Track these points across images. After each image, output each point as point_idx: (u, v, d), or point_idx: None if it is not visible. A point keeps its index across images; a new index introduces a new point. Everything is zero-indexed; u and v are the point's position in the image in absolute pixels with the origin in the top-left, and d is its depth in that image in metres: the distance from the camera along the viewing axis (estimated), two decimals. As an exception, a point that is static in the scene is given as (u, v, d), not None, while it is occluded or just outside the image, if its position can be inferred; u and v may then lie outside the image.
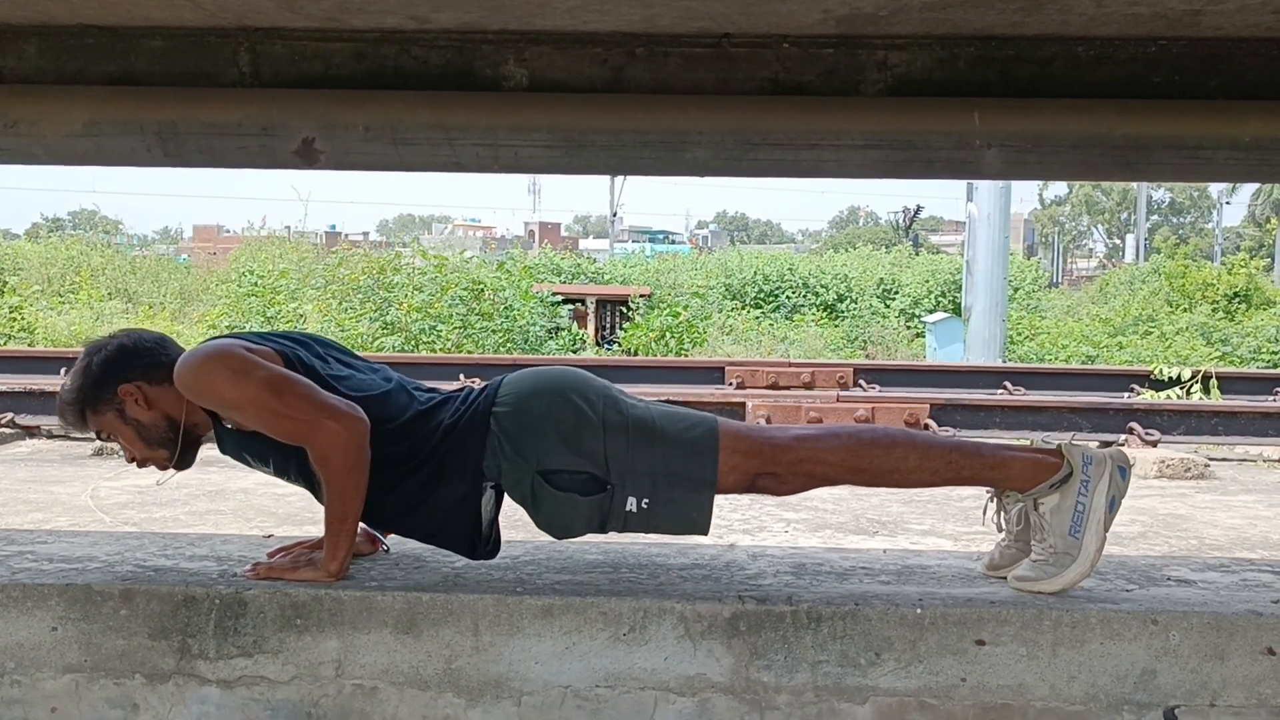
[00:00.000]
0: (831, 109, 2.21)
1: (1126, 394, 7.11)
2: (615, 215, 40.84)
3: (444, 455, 2.00)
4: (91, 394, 2.02)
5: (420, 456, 2.00)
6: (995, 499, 2.08)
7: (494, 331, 11.39)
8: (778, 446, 1.99)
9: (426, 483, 2.01)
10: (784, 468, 1.98)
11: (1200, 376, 7.32)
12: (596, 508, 1.96)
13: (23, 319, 12.23)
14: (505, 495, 2.08)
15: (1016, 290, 19.07)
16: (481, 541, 2.07)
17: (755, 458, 1.97)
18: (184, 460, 2.09)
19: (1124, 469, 1.98)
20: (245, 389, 1.92)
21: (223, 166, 2.26)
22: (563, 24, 2.18)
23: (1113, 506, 1.96)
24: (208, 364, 1.94)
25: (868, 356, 14.35)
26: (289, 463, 2.02)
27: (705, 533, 2.00)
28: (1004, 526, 2.08)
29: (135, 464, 2.09)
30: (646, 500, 1.95)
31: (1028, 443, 5.01)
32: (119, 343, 2.06)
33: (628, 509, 1.96)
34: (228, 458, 2.13)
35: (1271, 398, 6.95)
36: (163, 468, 2.09)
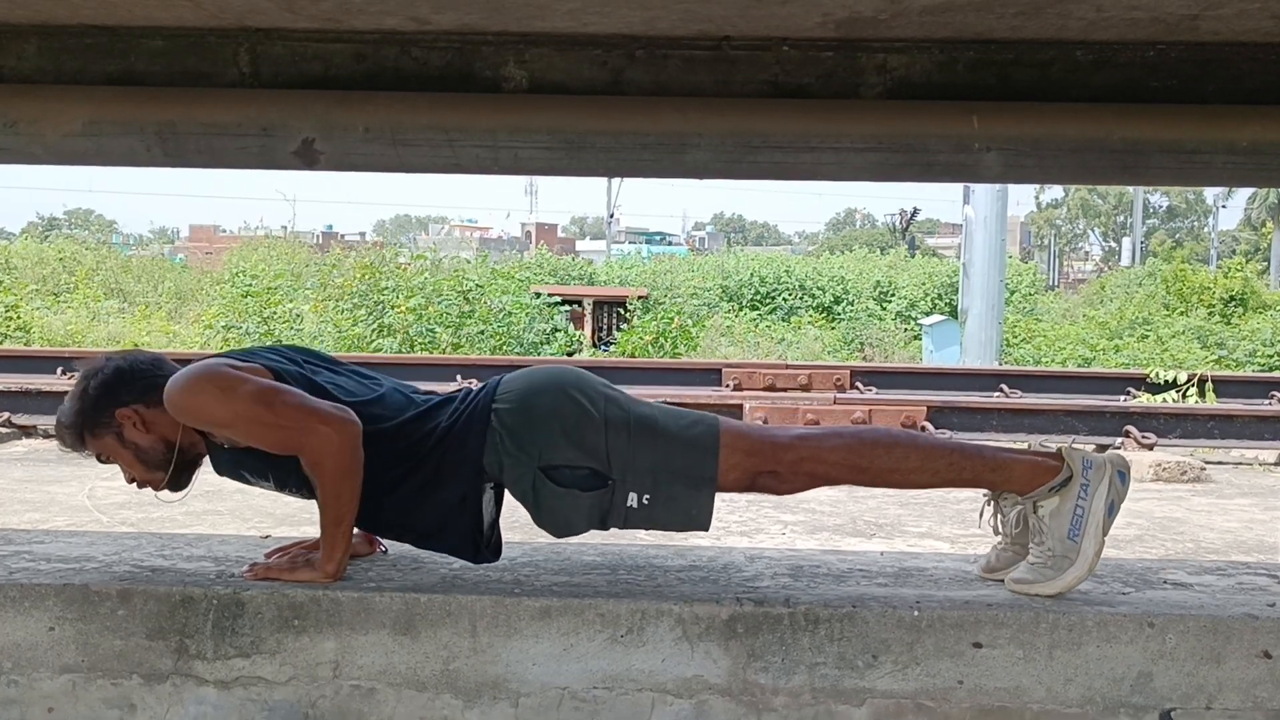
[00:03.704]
0: (831, 112, 2.21)
1: (1123, 397, 7.12)
2: (612, 217, 40.84)
3: (443, 455, 2.00)
4: (90, 418, 2.01)
5: (419, 457, 2.00)
6: (992, 502, 2.08)
7: (491, 335, 11.38)
8: (779, 445, 1.99)
9: (426, 484, 2.00)
10: (785, 466, 1.98)
11: (1196, 380, 7.34)
12: (597, 503, 1.96)
13: (18, 318, 12.21)
14: (504, 496, 2.08)
15: (1013, 293, 19.11)
16: (484, 543, 2.06)
17: (756, 456, 1.98)
18: (180, 482, 2.08)
19: (1123, 474, 1.98)
20: (234, 404, 1.92)
21: (222, 167, 2.25)
22: (563, 26, 2.19)
23: (1112, 511, 1.96)
24: (195, 385, 1.93)
25: (864, 359, 14.38)
26: (289, 475, 2.01)
27: (706, 529, 2.00)
28: (1001, 529, 2.09)
29: (135, 485, 2.09)
30: (647, 496, 1.95)
31: (1026, 446, 5.02)
32: (115, 366, 2.04)
33: (629, 504, 1.96)
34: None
35: (1267, 401, 6.96)
36: (156, 488, 2.08)
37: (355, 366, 2.20)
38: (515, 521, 3.73)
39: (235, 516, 3.81)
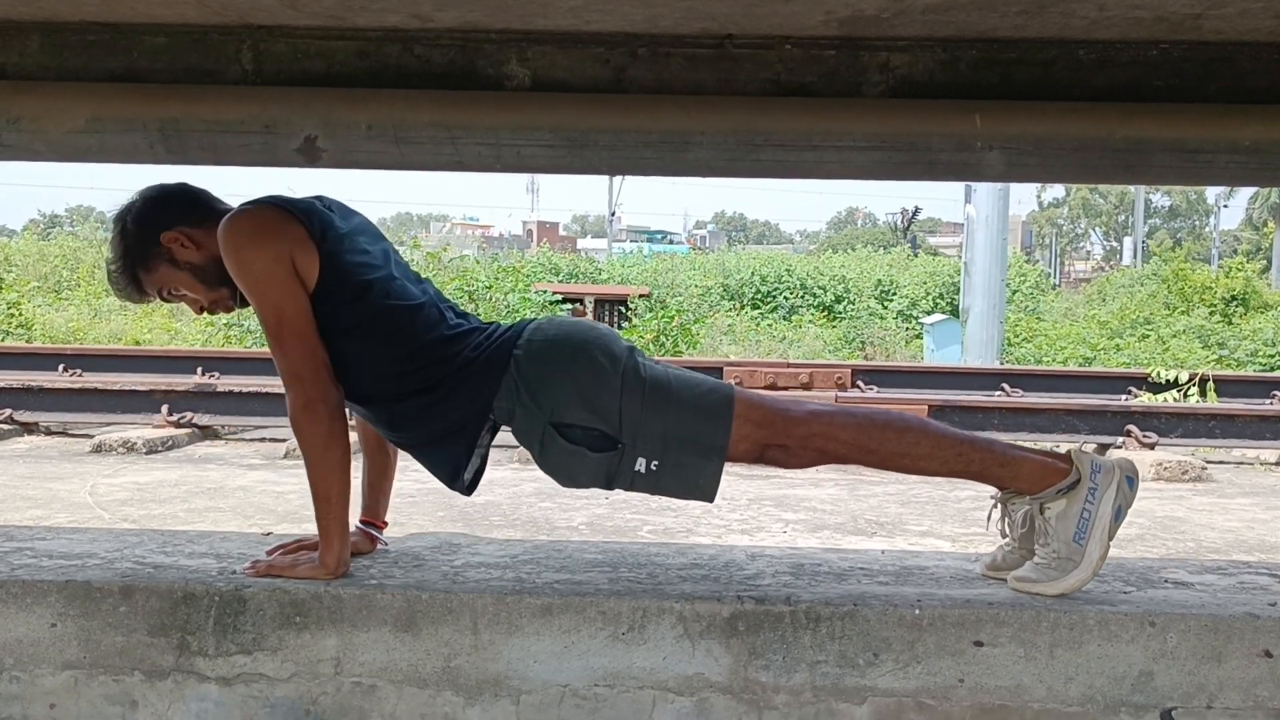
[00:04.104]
0: (833, 110, 2.21)
1: (1124, 396, 7.12)
2: (614, 215, 40.83)
3: (457, 384, 2.00)
4: (138, 253, 2.02)
5: (435, 378, 2.01)
6: (1000, 505, 2.08)
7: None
8: (791, 419, 1.98)
9: (432, 404, 2.01)
10: (795, 441, 1.97)
11: (1197, 379, 7.33)
12: (605, 465, 1.96)
13: (20, 315, 12.21)
14: (498, 435, 2.09)
15: (1015, 292, 19.11)
16: (465, 471, 2.06)
17: (767, 428, 1.97)
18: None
19: (1132, 479, 1.98)
20: (258, 297, 1.94)
21: (225, 164, 2.25)
22: (565, 24, 2.19)
23: (1119, 516, 1.96)
24: (246, 250, 1.93)
25: (865, 357, 14.38)
26: None
27: (711, 500, 1.99)
28: (1008, 532, 2.09)
29: (205, 312, 2.10)
30: (656, 462, 1.95)
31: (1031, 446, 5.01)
32: (144, 196, 2.05)
33: (636, 469, 1.96)
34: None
35: (1268, 401, 6.96)
36: (228, 309, 2.10)
37: (405, 264, 2.19)
38: (516, 519, 3.73)
39: (237, 514, 3.81)
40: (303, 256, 1.95)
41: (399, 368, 2.00)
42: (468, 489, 2.09)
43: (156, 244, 2.01)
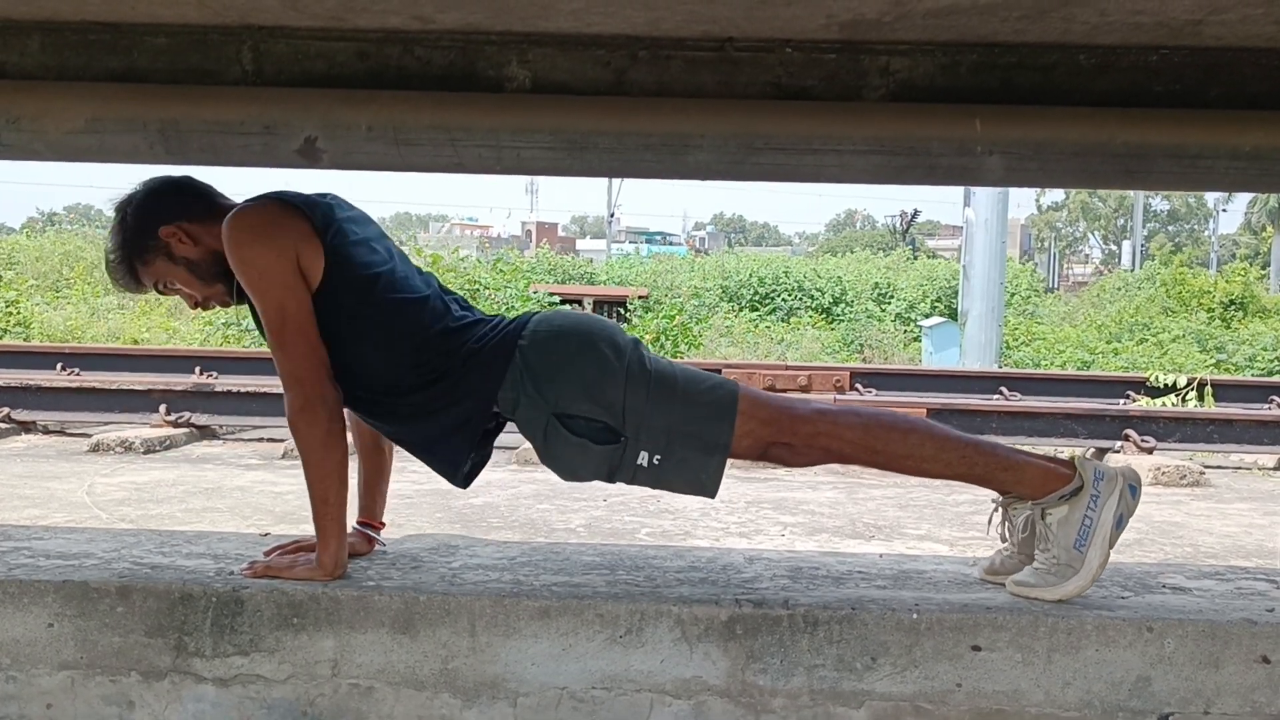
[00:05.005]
0: (834, 114, 2.20)
1: (1122, 400, 7.12)
2: (613, 216, 40.83)
3: (461, 376, 2.00)
4: (136, 244, 2.02)
5: (439, 371, 2.01)
6: (1001, 509, 2.08)
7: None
8: (796, 417, 1.98)
9: (437, 398, 2.01)
10: (800, 439, 1.97)
11: (1196, 384, 7.34)
12: (607, 458, 1.96)
13: (18, 313, 12.19)
14: (501, 430, 2.09)
15: (1013, 296, 19.11)
16: (464, 464, 2.06)
17: (772, 425, 1.97)
18: (242, 293, 2.07)
19: (1134, 487, 1.98)
20: (261, 295, 1.94)
21: (225, 165, 2.25)
22: (566, 26, 2.18)
23: (1120, 524, 1.96)
24: (250, 247, 1.93)
25: (864, 360, 14.38)
26: None
27: (713, 495, 1.99)
28: (1007, 537, 2.09)
29: (199, 308, 2.10)
30: (659, 457, 1.95)
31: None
32: (147, 189, 2.06)
33: (639, 463, 1.96)
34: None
35: (1266, 405, 6.96)
36: (224, 304, 2.09)
37: (408, 260, 2.19)
38: (514, 520, 3.73)
39: (234, 514, 3.81)
40: (308, 252, 1.96)
41: (406, 360, 2.00)
42: (465, 482, 2.09)
43: (154, 238, 2.01)
